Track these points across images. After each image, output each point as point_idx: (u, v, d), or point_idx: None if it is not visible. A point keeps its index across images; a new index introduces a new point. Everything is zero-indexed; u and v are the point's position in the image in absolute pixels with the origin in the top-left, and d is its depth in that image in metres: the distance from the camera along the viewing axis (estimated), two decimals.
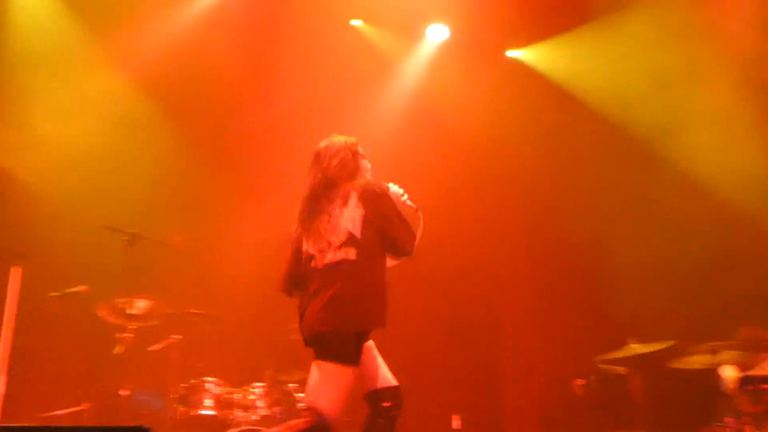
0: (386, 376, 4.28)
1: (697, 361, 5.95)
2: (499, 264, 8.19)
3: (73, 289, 6.04)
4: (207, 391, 5.98)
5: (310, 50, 7.70)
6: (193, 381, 6.01)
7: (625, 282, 6.94)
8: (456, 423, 7.27)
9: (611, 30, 7.61)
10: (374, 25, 8.28)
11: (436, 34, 8.36)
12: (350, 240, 4.14)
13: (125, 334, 5.97)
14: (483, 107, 7.98)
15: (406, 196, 4.45)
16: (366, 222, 4.16)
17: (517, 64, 8.44)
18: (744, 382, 5.77)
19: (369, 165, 4.53)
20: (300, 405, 3.97)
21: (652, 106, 7.29)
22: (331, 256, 4.15)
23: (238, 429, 5.78)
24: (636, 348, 6.14)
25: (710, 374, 5.99)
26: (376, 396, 4.21)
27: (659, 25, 7.29)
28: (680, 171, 7.09)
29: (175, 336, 6.17)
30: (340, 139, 4.47)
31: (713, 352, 5.87)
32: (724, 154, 6.89)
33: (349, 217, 4.17)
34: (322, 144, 4.47)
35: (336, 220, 4.18)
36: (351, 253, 4.12)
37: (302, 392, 5.78)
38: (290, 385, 6.15)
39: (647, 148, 7.32)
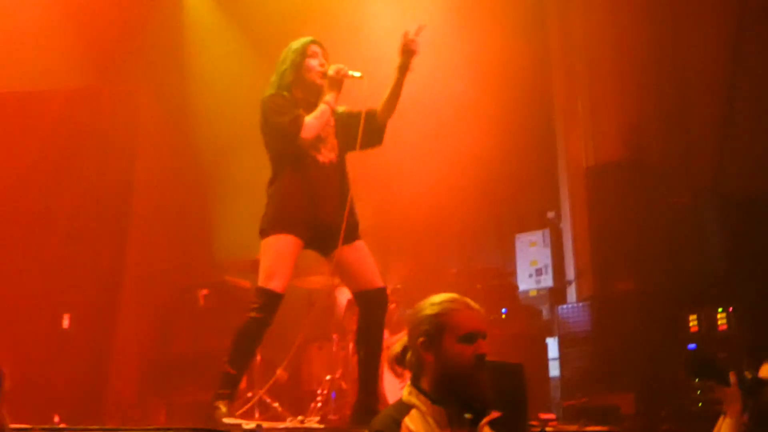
0: (368, 279, 4.43)
1: (316, 281, 6.39)
2: (118, 174, 7.75)
3: None
4: None
5: None
6: None
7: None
8: (66, 322, 6.93)
9: None
10: None
11: None
12: None
13: None
14: None
15: (346, 70, 4.29)
16: None
17: None
18: (352, 303, 6.36)
19: (317, 62, 4.31)
20: None
21: None
22: None
23: None
24: None
25: (326, 294, 6.51)
26: (360, 297, 4.48)
27: None
28: None
29: None
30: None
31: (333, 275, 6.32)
32: None
33: None
34: None
35: None
36: None
37: None
38: None
39: None
